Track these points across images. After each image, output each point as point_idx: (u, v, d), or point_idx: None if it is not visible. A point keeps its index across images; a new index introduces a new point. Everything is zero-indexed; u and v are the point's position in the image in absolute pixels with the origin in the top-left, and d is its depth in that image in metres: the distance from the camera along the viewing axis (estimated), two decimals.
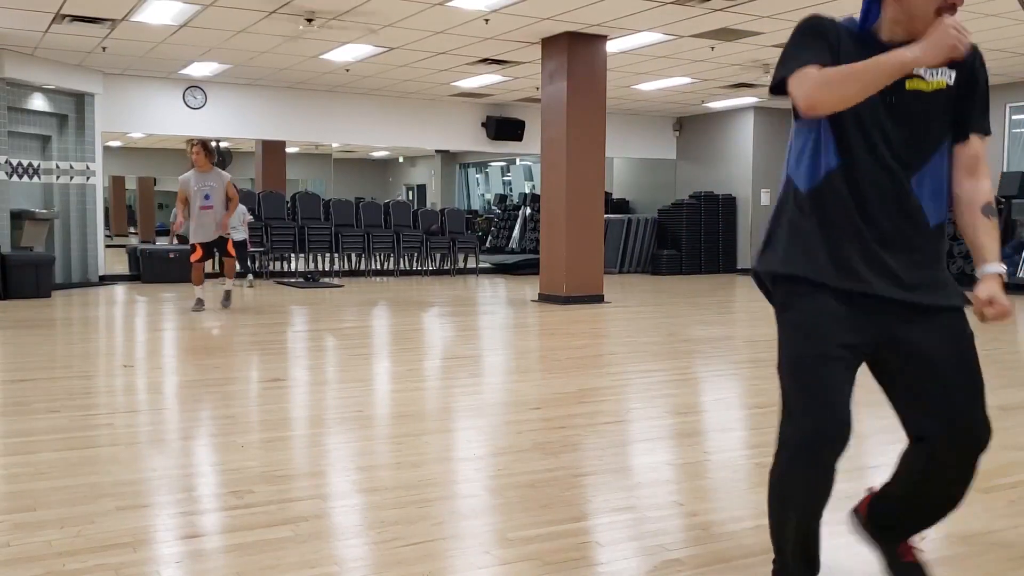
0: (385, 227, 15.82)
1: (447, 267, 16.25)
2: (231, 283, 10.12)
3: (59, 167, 12.80)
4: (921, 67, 2.04)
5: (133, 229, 28.12)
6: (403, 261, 15.82)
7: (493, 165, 26.39)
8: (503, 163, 25.68)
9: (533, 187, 23.71)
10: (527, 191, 22.39)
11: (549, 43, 11.01)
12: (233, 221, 9.68)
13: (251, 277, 13.53)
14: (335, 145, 23.12)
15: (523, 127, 16.39)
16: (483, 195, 27.09)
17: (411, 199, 28.22)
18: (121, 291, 12.44)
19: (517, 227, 19.59)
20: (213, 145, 10.08)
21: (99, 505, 3.26)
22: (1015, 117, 13.73)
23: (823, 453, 2.17)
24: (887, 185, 2.14)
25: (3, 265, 10.96)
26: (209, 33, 10.77)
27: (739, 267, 17.16)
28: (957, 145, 2.19)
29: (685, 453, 4.21)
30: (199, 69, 13.27)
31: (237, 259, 10.41)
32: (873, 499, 2.49)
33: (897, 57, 2.00)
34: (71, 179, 12.89)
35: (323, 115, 15.31)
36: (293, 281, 13.92)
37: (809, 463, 2.19)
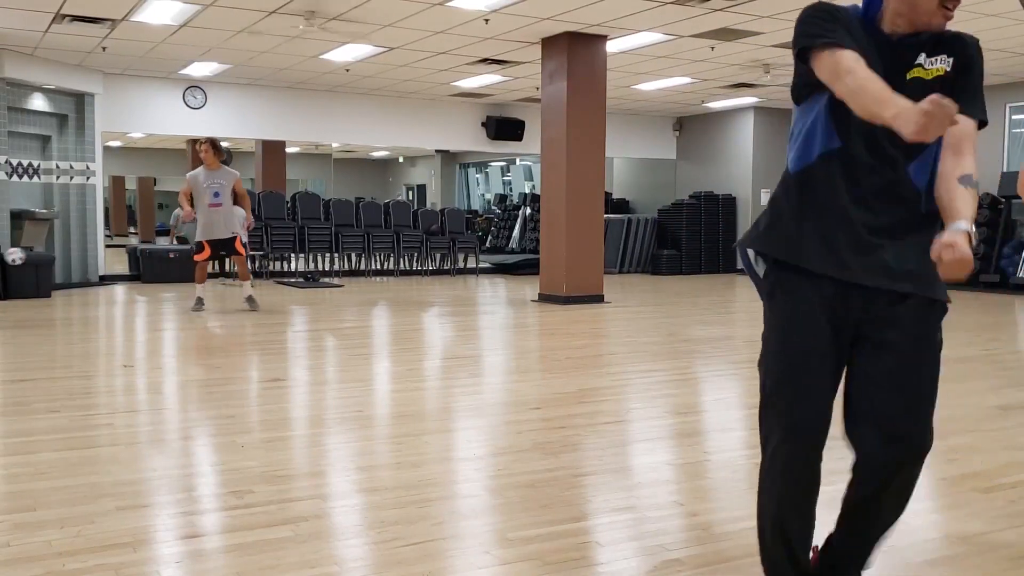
0: (385, 227, 15.81)
1: (447, 267, 16.24)
2: (249, 287, 9.80)
3: (59, 167, 12.80)
4: (894, 128, 1.86)
5: (133, 229, 28.15)
6: (403, 261, 15.81)
7: (493, 165, 26.38)
8: (503, 163, 25.67)
9: (533, 187, 23.70)
10: (527, 191, 22.38)
11: (549, 43, 11.01)
12: (234, 224, 9.57)
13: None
14: (335, 145, 23.12)
15: (523, 127, 16.38)
16: (483, 195, 27.08)
17: (411, 199, 28.21)
18: (121, 291, 12.44)
19: (517, 227, 19.59)
20: (224, 145, 9.98)
21: (99, 505, 3.26)
22: (1015, 117, 13.71)
23: (804, 446, 2.19)
24: (883, 170, 2.14)
25: (3, 265, 10.97)
26: (209, 33, 10.77)
27: (739, 267, 17.12)
28: None
29: (685, 453, 4.21)
30: (199, 69, 13.27)
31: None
32: (821, 549, 2.45)
33: (884, 107, 1.89)
34: (71, 179, 12.89)
35: (323, 115, 15.31)
36: (293, 281, 13.91)
37: (790, 456, 2.21)
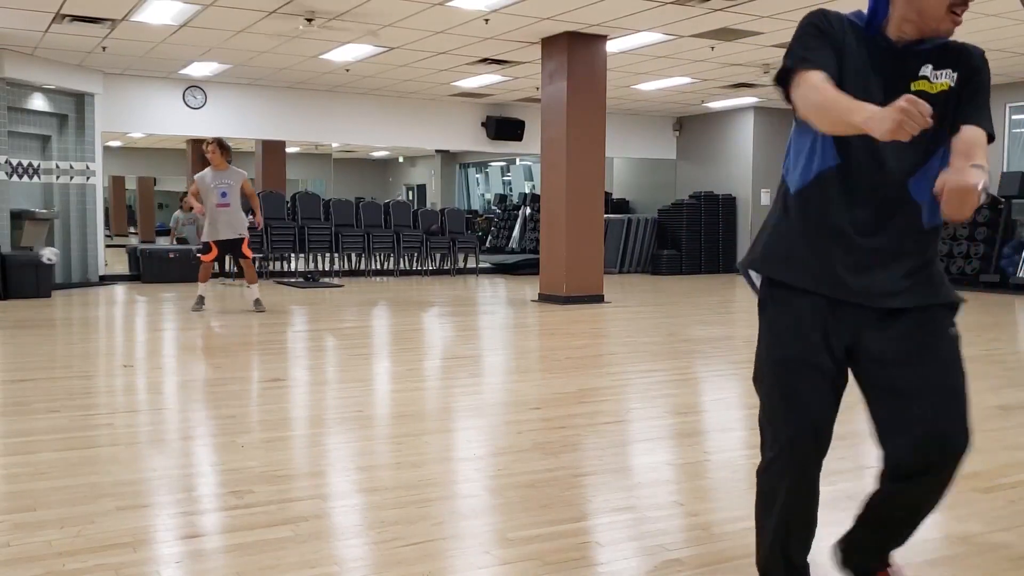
0: (385, 227, 15.81)
1: (447, 267, 16.23)
2: (256, 290, 9.71)
3: (59, 167, 12.80)
4: (868, 133, 1.83)
5: (133, 229, 28.14)
6: (403, 261, 15.81)
7: (493, 165, 26.37)
8: (503, 163, 25.67)
9: (533, 187, 23.69)
10: (527, 191, 22.38)
11: (549, 43, 11.01)
12: (236, 224, 9.53)
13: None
14: (335, 145, 23.11)
15: (523, 127, 16.38)
16: (483, 195, 27.07)
17: (411, 199, 28.20)
18: (121, 291, 12.44)
19: (517, 227, 19.58)
20: (231, 146, 9.96)
21: (99, 505, 3.26)
22: (1015, 117, 13.72)
23: (801, 460, 2.18)
24: (884, 187, 2.11)
25: (3, 265, 10.96)
26: (209, 33, 10.77)
27: (739, 267, 17.14)
28: (952, 137, 2.11)
29: (685, 453, 4.21)
30: (199, 69, 13.26)
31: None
32: (839, 546, 2.44)
33: (853, 114, 1.87)
34: (71, 179, 12.89)
35: (323, 115, 15.30)
36: (293, 281, 13.91)
37: (787, 469, 2.20)
